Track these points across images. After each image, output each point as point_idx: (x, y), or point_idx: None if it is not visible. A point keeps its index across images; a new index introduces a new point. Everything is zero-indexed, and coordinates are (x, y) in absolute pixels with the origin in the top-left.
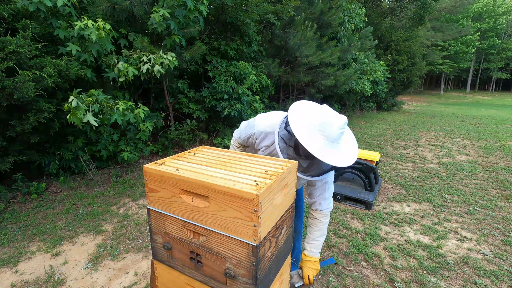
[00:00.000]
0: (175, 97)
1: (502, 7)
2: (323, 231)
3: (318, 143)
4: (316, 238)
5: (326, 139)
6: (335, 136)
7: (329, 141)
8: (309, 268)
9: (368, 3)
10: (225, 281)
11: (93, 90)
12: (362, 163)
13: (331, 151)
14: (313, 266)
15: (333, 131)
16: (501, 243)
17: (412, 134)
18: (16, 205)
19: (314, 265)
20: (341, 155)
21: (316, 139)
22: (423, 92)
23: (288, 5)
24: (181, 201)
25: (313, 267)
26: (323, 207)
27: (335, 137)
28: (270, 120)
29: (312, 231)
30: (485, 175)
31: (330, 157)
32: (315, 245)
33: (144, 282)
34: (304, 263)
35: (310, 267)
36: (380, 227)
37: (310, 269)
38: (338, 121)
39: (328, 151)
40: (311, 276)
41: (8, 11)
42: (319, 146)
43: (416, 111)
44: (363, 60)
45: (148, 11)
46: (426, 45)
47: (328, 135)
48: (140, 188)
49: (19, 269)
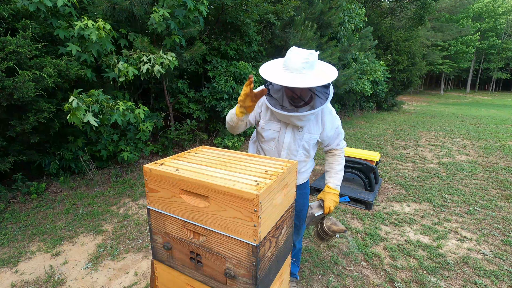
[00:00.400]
0: (175, 97)
1: (502, 7)
2: (342, 165)
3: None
4: (338, 171)
5: (288, 70)
6: (296, 66)
7: (291, 72)
8: (331, 200)
9: (368, 3)
10: (225, 281)
11: (93, 90)
12: (362, 163)
13: (290, 76)
14: (335, 198)
15: (294, 62)
16: (501, 243)
17: (412, 134)
18: (16, 205)
19: (335, 197)
20: (303, 78)
21: (277, 72)
22: (423, 92)
23: (288, 5)
24: (181, 201)
25: (335, 199)
26: (340, 146)
27: (296, 67)
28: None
29: (333, 166)
30: (485, 175)
31: (289, 80)
32: (338, 178)
33: (144, 282)
34: (326, 195)
35: (332, 198)
36: (380, 227)
37: (332, 200)
38: (301, 53)
39: (287, 75)
40: (332, 206)
41: (8, 11)
42: (278, 73)
43: (416, 111)
44: (363, 60)
45: (148, 11)
46: (426, 45)
47: (290, 66)
48: (140, 188)
49: (19, 269)
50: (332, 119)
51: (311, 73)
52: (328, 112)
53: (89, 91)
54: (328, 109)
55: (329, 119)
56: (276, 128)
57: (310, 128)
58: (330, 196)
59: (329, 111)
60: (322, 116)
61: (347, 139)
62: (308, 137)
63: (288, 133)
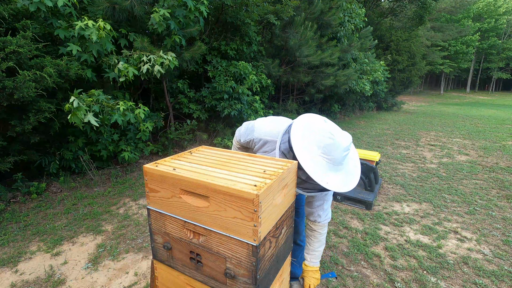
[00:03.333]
0: (175, 97)
1: (503, 7)
2: (322, 241)
3: (322, 168)
4: (316, 249)
5: (330, 162)
6: (339, 159)
7: (333, 164)
8: (310, 278)
9: (368, 3)
10: (225, 281)
11: (94, 90)
12: (362, 163)
13: (334, 177)
14: (314, 275)
15: (337, 154)
16: (501, 243)
17: (412, 134)
18: (16, 205)
19: (315, 274)
20: (344, 178)
21: (319, 163)
22: (423, 92)
23: (288, 5)
24: (181, 201)
25: (314, 277)
26: (321, 219)
27: (339, 160)
28: (270, 127)
29: (311, 242)
30: (485, 175)
31: (334, 183)
32: (315, 256)
33: (144, 282)
34: (305, 273)
35: (312, 276)
36: (380, 227)
37: (312, 278)
38: (343, 142)
39: (332, 176)
40: (312, 286)
41: (9, 11)
42: (323, 171)
43: (416, 111)
44: (363, 60)
45: (148, 11)
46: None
47: (332, 159)
48: (140, 188)
49: (19, 269)
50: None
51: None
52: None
53: (90, 91)
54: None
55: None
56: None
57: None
58: (310, 274)
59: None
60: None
61: None
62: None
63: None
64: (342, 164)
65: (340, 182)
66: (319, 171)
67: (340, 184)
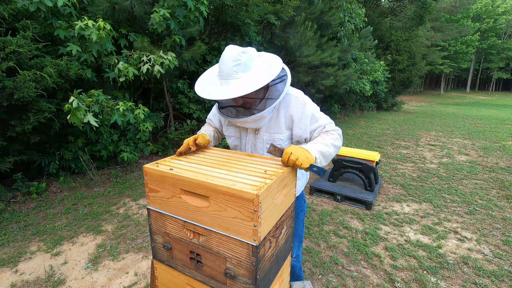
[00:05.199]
0: (175, 97)
1: (502, 7)
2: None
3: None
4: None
5: (220, 76)
6: (227, 70)
7: (223, 78)
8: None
9: (368, 3)
10: (225, 281)
11: (94, 91)
12: (362, 163)
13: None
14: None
15: (224, 66)
16: (501, 243)
17: (412, 134)
18: (16, 205)
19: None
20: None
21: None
22: (423, 92)
23: (288, 5)
24: (181, 201)
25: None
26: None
27: (227, 71)
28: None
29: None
30: (485, 175)
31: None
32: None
33: (144, 282)
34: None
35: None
36: (380, 227)
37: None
38: (230, 53)
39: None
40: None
41: (9, 11)
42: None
43: (416, 111)
44: (363, 60)
45: (148, 11)
46: (426, 45)
47: (221, 71)
48: (140, 188)
49: (19, 269)
50: (299, 109)
51: (245, 77)
52: (291, 103)
53: (89, 91)
54: (291, 101)
55: (296, 111)
56: (236, 134)
57: (270, 128)
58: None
59: (294, 102)
60: (286, 110)
61: (347, 139)
62: (268, 138)
63: (249, 138)
64: (234, 76)
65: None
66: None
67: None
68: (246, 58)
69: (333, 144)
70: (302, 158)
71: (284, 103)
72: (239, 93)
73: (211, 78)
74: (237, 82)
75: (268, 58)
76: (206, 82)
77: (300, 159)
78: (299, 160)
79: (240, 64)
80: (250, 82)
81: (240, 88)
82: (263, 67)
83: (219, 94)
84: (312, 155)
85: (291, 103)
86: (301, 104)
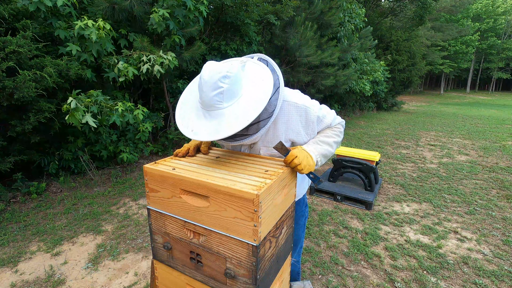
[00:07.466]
0: (175, 97)
1: (501, 7)
2: (332, 139)
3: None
4: (320, 142)
5: (202, 106)
6: (208, 99)
7: (205, 109)
8: (303, 154)
9: (368, 3)
10: (225, 281)
11: (93, 91)
12: (362, 163)
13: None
14: (310, 161)
15: (204, 94)
16: (501, 243)
17: (412, 134)
18: (16, 205)
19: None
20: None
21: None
22: (423, 92)
23: (288, 5)
24: (181, 201)
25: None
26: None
27: (208, 101)
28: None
29: (317, 136)
30: (485, 175)
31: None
32: (318, 147)
33: (144, 282)
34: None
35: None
36: (380, 227)
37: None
38: (210, 76)
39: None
40: (297, 160)
41: (9, 11)
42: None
43: (416, 111)
44: (363, 60)
45: (148, 11)
46: (426, 45)
47: (202, 100)
48: (140, 188)
49: (19, 269)
50: (302, 117)
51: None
52: (292, 114)
53: (89, 91)
54: (291, 111)
55: (299, 121)
56: (228, 146)
57: (267, 141)
58: (305, 153)
59: (294, 111)
60: (287, 124)
61: (347, 139)
62: (265, 152)
63: (244, 150)
64: (219, 104)
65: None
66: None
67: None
68: (229, 83)
69: (335, 141)
70: (305, 164)
71: (283, 114)
72: (229, 132)
73: (193, 104)
74: (225, 116)
75: (256, 71)
76: (186, 111)
77: (302, 165)
78: (301, 165)
79: (223, 93)
80: (240, 115)
81: (228, 126)
82: (252, 90)
83: (205, 136)
84: (314, 160)
85: (292, 114)
86: (303, 111)
